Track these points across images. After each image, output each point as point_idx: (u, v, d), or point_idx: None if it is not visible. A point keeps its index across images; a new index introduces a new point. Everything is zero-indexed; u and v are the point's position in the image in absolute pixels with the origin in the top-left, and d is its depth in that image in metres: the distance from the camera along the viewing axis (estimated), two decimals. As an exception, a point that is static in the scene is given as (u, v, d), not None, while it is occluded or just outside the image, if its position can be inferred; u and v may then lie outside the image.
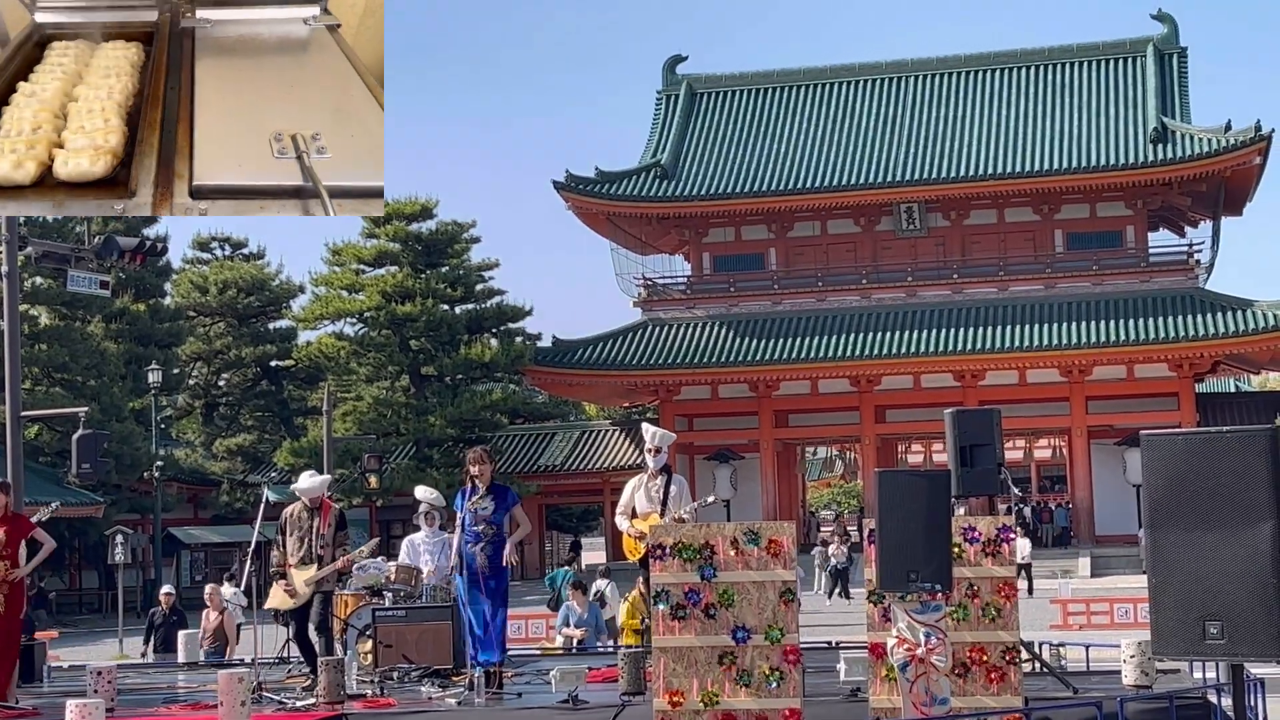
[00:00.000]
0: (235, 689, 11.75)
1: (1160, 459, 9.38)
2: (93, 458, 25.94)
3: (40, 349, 50.25)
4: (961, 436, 12.55)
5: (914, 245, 57.42)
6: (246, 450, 62.61)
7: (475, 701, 13.10)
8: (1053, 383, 53.62)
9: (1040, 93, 58.60)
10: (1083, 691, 12.28)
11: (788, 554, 11.23)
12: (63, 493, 44.81)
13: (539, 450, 60.20)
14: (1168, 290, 53.39)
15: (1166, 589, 9.26)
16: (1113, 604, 33.33)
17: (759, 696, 10.99)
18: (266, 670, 15.86)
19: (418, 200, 58.26)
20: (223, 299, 65.05)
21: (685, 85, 62.32)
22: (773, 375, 54.76)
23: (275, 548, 15.03)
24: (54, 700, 14.10)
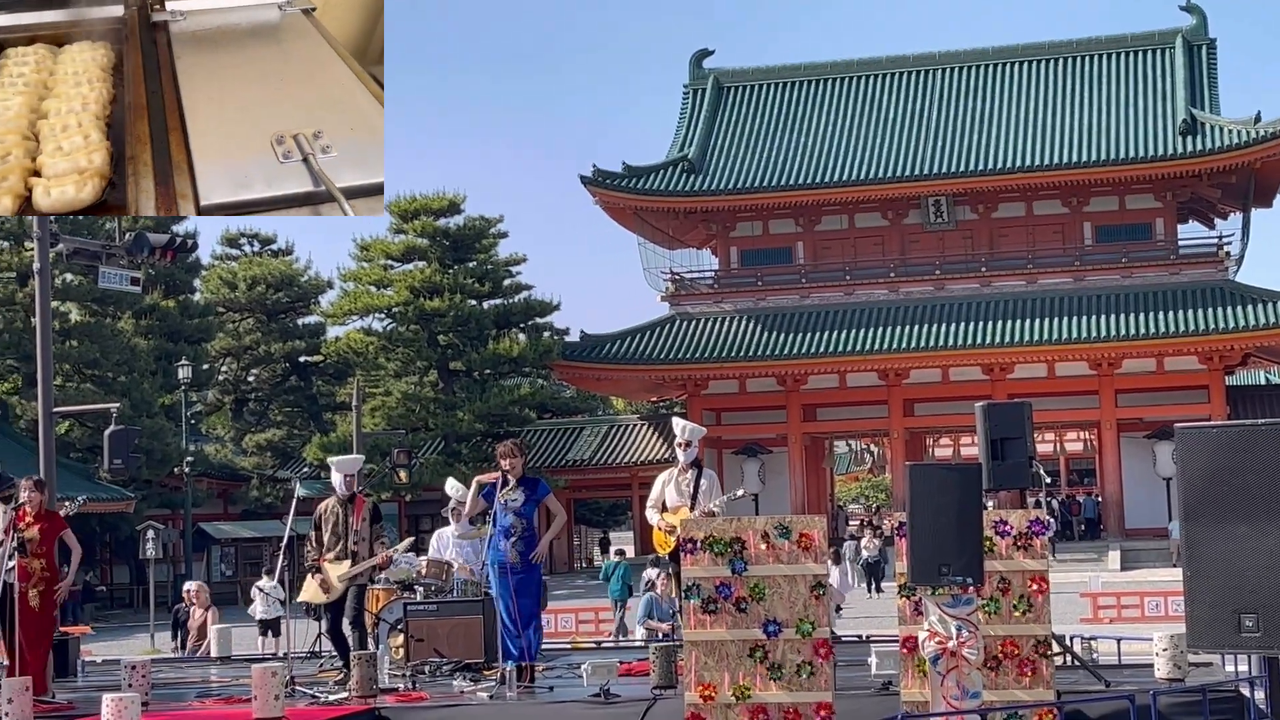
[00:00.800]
0: (269, 683, 11.80)
1: (1194, 452, 9.36)
2: (124, 453, 26.05)
3: (71, 345, 50.48)
4: (992, 430, 12.54)
5: (942, 238, 57.28)
6: (276, 445, 62.83)
7: (507, 695, 13.13)
8: (1082, 376, 53.46)
9: (1069, 85, 58.39)
10: (1115, 685, 12.26)
11: (818, 547, 11.24)
12: (94, 488, 45.10)
13: (567, 445, 60.27)
14: (1197, 283, 53.18)
15: (1201, 582, 9.24)
16: (1143, 597, 33.23)
17: (790, 690, 11.00)
18: (299, 665, 15.93)
19: (445, 196, 58.35)
20: (252, 295, 65.27)
21: (712, 80, 62.26)
22: (800, 369, 54.70)
23: (308, 542, 15.08)
24: (88, 695, 14.19)
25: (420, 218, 57.71)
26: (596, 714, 12.45)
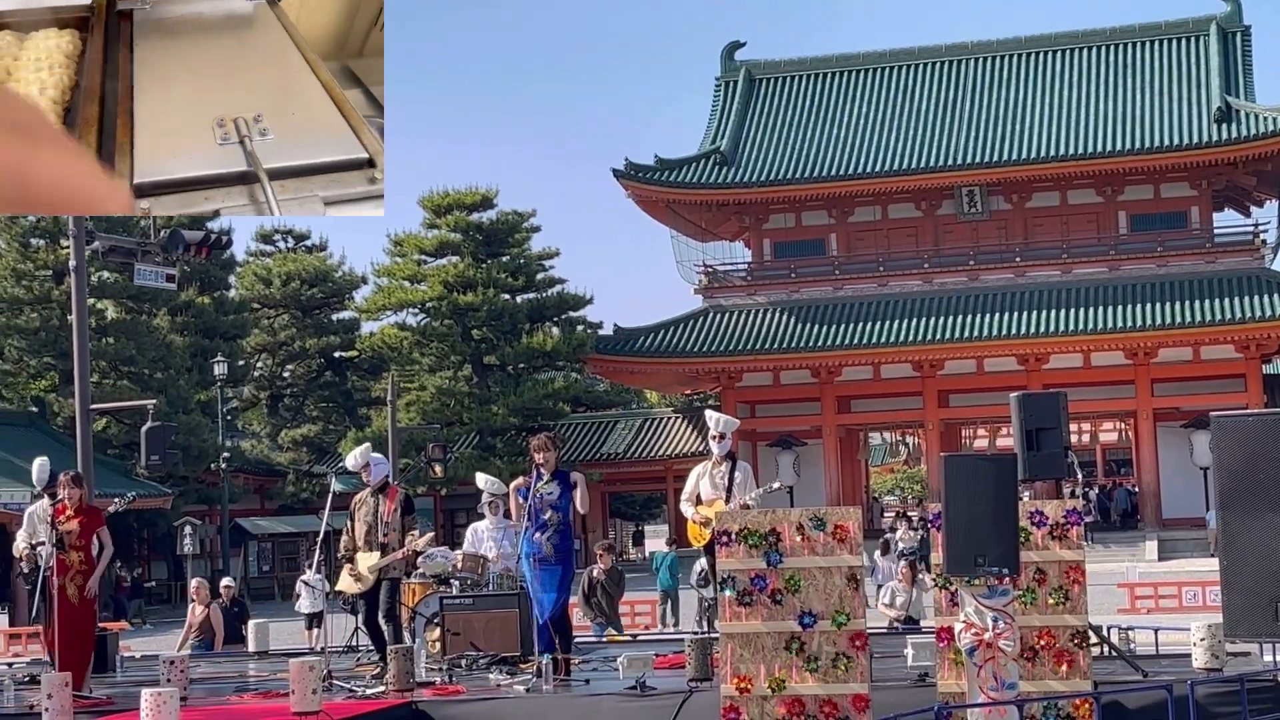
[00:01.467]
0: (306, 677, 11.84)
1: (1231, 440, 9.34)
2: (161, 450, 26.16)
3: (108, 342, 50.74)
4: (1028, 420, 12.52)
5: (976, 229, 57.12)
6: (311, 441, 63.05)
7: (543, 688, 13.16)
8: (1117, 365, 53.25)
9: (1102, 73, 58.14)
10: (1152, 675, 12.23)
11: (854, 539, 11.24)
12: (132, 484, 45.30)
13: (601, 438, 60.32)
14: (1233, 271, 52.90)
15: (1238, 571, 9.22)
16: (1180, 587, 33.09)
17: (826, 682, 11.01)
18: (337, 659, 16.00)
19: (478, 190, 58.45)
20: (286, 291, 65.49)
21: (744, 71, 62.19)
22: (835, 361, 54.63)
23: (345, 533, 15.14)
24: (127, 690, 14.28)
25: (453, 212, 57.83)
26: (632, 706, 12.47)
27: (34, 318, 51.28)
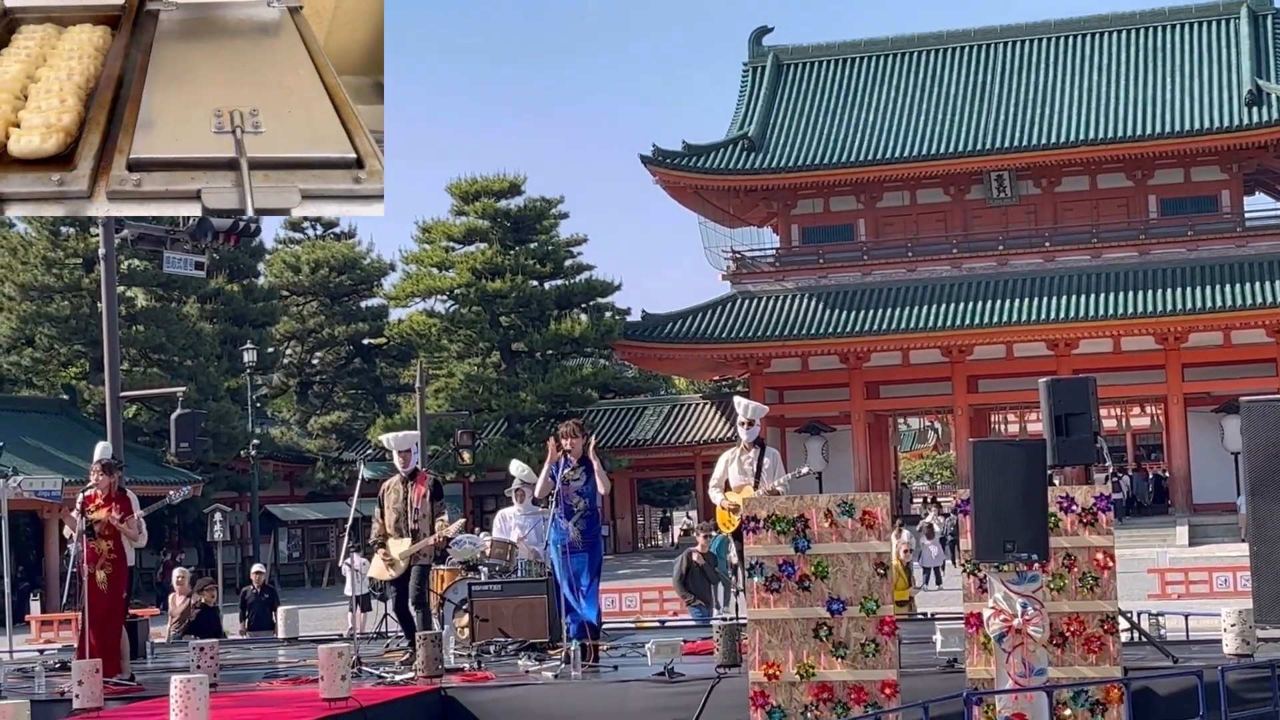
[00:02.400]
0: (335, 664, 11.87)
1: (1261, 425, 9.28)
2: (191, 437, 26.23)
3: (138, 330, 50.92)
4: (1057, 405, 12.46)
5: (1005, 213, 56.92)
6: (341, 428, 63.20)
7: (572, 674, 13.17)
8: (1148, 350, 53.05)
9: (1132, 57, 57.87)
10: (1183, 661, 12.17)
11: (882, 525, 11.22)
12: (162, 472, 45.53)
13: (630, 425, 60.32)
14: (1265, 255, 52.63)
15: (1268, 557, 9.17)
16: (1211, 573, 32.95)
17: (855, 668, 11.00)
18: (365, 645, 16.04)
19: (505, 177, 58.47)
20: (315, 278, 65.62)
21: (771, 57, 62.07)
22: (863, 346, 54.53)
23: (375, 519, 15.17)
24: (157, 676, 14.32)
25: (481, 199, 57.87)
26: (661, 693, 12.47)
27: (64, 306, 51.49)
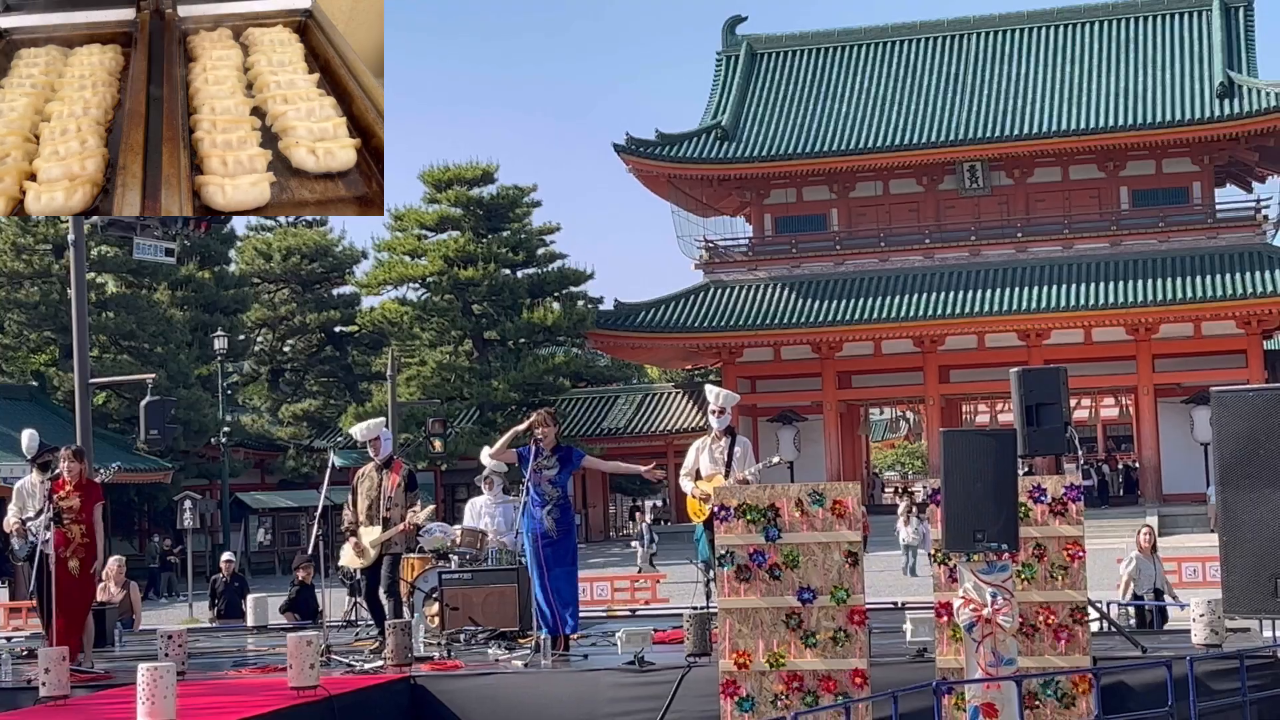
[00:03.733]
0: (304, 652, 11.83)
1: (1230, 416, 9.30)
2: (160, 424, 26.15)
3: (108, 317, 50.66)
4: (1027, 395, 12.47)
5: (977, 204, 57.04)
6: (312, 415, 62.99)
7: (541, 663, 13.15)
8: (1119, 341, 53.23)
9: (1105, 48, 58.00)
10: (1152, 651, 12.20)
11: (853, 514, 11.22)
12: (132, 459, 45.33)
13: (602, 413, 60.28)
14: (1235, 247, 52.85)
15: (1236, 547, 9.19)
16: (1180, 563, 32.95)
17: (825, 657, 11.01)
18: (335, 633, 15.98)
19: (478, 165, 58.36)
20: (286, 265, 65.36)
21: (745, 46, 62.06)
22: (835, 336, 54.58)
23: (346, 507, 15.12)
24: (126, 664, 14.26)
25: (453, 187, 57.75)
26: (631, 682, 12.46)
27: (34, 292, 51.20)
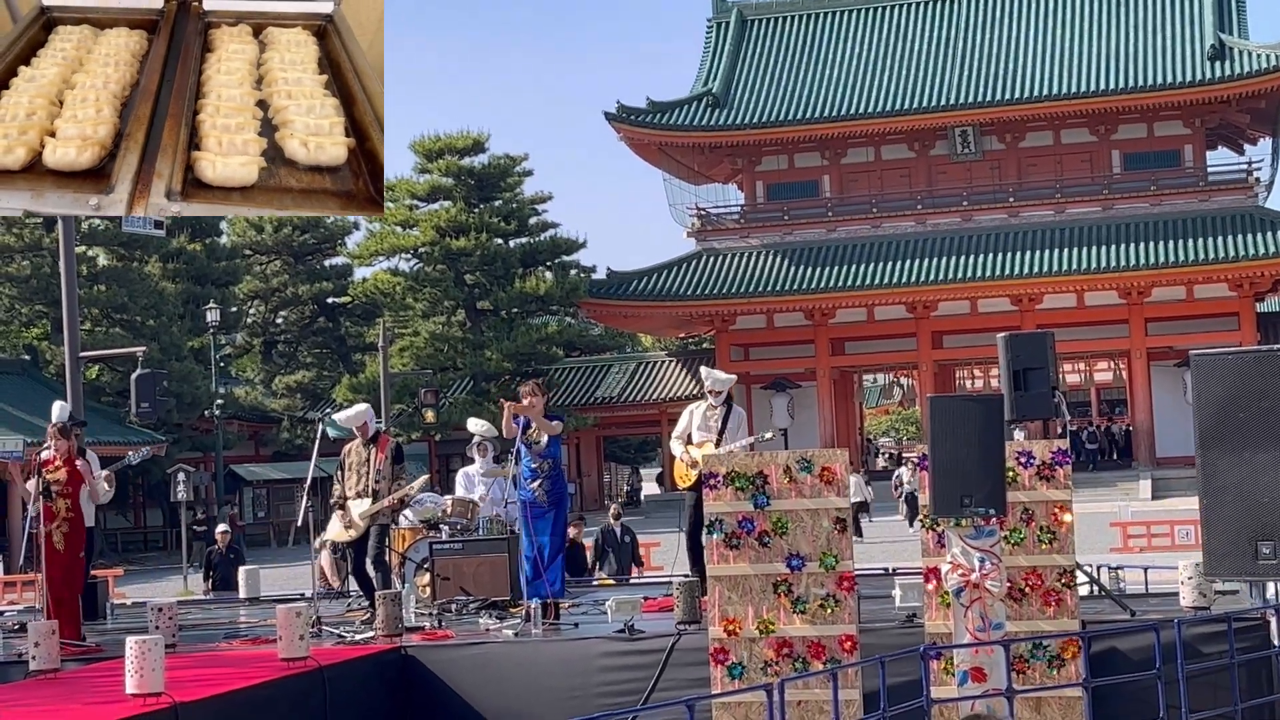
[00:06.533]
0: (294, 623, 11.84)
1: (1210, 379, 9.29)
2: (151, 397, 26.13)
3: (99, 290, 50.61)
4: (1015, 360, 12.45)
5: (969, 169, 56.99)
6: (305, 387, 62.99)
7: (532, 633, 13.17)
8: (1111, 305, 53.25)
9: (1096, 11, 57.87)
10: (1140, 614, 12.23)
11: (841, 481, 11.22)
12: (125, 432, 45.29)
13: (595, 382, 60.30)
14: (1227, 209, 52.83)
15: (1218, 510, 9.19)
16: (1173, 525, 33.05)
17: (814, 623, 11.03)
18: (325, 604, 16.00)
19: (469, 134, 58.27)
20: (278, 237, 65.30)
21: (736, 12, 61.89)
22: (828, 303, 54.57)
23: (335, 481, 15.13)
24: (117, 637, 14.26)
25: (445, 157, 57.67)
26: (621, 650, 12.49)
27: (25, 265, 51.12)
